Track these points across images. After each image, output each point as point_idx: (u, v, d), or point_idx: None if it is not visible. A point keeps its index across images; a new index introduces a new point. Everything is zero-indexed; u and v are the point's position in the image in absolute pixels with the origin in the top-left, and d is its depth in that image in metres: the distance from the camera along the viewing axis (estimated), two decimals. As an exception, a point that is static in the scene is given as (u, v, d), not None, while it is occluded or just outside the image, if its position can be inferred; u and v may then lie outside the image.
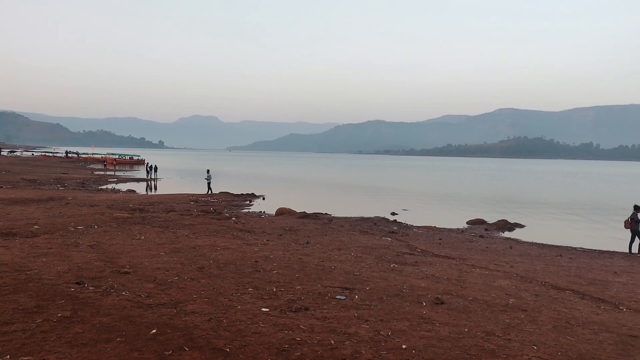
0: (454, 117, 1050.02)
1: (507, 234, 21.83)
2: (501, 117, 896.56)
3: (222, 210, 24.06)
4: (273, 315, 6.99)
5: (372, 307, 7.77)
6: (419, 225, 22.47)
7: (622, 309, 8.89)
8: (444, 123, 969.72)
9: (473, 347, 6.09)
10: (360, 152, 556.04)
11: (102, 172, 58.54)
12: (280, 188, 45.78)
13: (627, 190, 56.92)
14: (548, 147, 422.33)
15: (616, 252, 17.48)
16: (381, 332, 6.45)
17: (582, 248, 18.14)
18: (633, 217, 17.20)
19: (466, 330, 6.82)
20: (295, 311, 7.26)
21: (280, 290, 8.50)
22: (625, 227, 17.51)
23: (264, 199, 33.01)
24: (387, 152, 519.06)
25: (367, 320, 6.99)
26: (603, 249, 17.99)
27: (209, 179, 34.70)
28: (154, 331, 6.02)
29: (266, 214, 24.13)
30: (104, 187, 37.85)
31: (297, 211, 23.58)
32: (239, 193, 34.51)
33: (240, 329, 6.33)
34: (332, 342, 6.00)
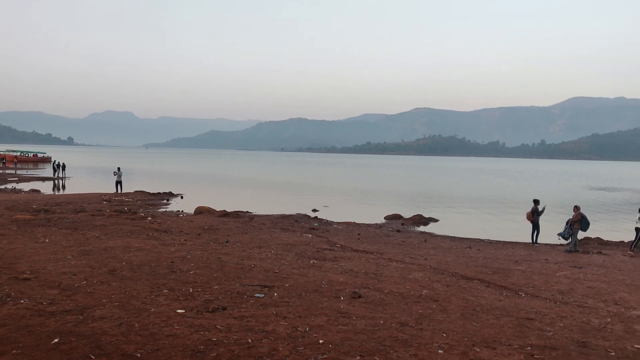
0: (373, 115, 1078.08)
1: (422, 228, 22.78)
2: (417, 116, 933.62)
3: (137, 209, 23.06)
4: (189, 317, 6.80)
5: (290, 303, 7.79)
6: (339, 221, 22.87)
7: (521, 295, 9.60)
8: (363, 121, 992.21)
9: (387, 338, 6.29)
10: (282, 150, 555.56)
11: (1, 171, 53.94)
12: (200, 186, 44.69)
13: (528, 185, 61.56)
14: (460, 145, 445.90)
15: (518, 242, 18.80)
16: (299, 328, 6.48)
17: (489, 240, 19.32)
18: (534, 210, 18.62)
19: (382, 322, 7.03)
20: (212, 311, 7.11)
21: (197, 291, 8.28)
22: (528, 219, 18.90)
23: (182, 197, 32.06)
24: (309, 149, 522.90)
25: (285, 317, 6.99)
26: (507, 240, 19.29)
27: (118, 177, 32.50)
28: (56, 340, 5.64)
29: (184, 213, 23.45)
30: (3, 187, 34.91)
31: (217, 210, 23.13)
32: (156, 192, 33.24)
33: (153, 332, 6.09)
34: (250, 340, 5.94)
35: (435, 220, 25.33)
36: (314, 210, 27.19)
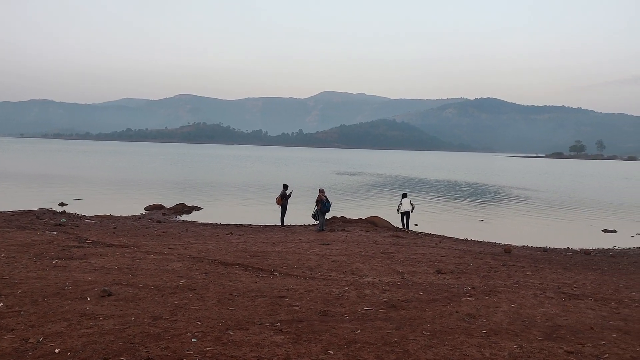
0: (134, 100, 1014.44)
1: (184, 217, 22.42)
2: (181, 103, 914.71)
3: None
4: None
5: (22, 312, 6.69)
6: (92, 214, 20.85)
7: (276, 275, 10.20)
8: (122, 106, 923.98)
9: (138, 335, 5.92)
10: (22, 136, 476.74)
11: None
12: None
13: (286, 170, 66.35)
14: (225, 132, 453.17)
15: (276, 225, 20.04)
16: (30, 340, 5.60)
17: (250, 225, 20.10)
18: (283, 194, 20.07)
19: (133, 318, 6.59)
20: None
21: None
22: (277, 203, 20.27)
23: None
24: (57, 135, 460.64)
25: (13, 330, 5.96)
26: (266, 224, 20.37)
27: None
28: None
29: None
30: None
31: None
32: None
33: None
34: (-41, 366, 4.88)
35: (199, 209, 25.22)
36: (62, 205, 24.25)
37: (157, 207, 24.37)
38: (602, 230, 23.03)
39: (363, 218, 21.99)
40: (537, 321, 7.30)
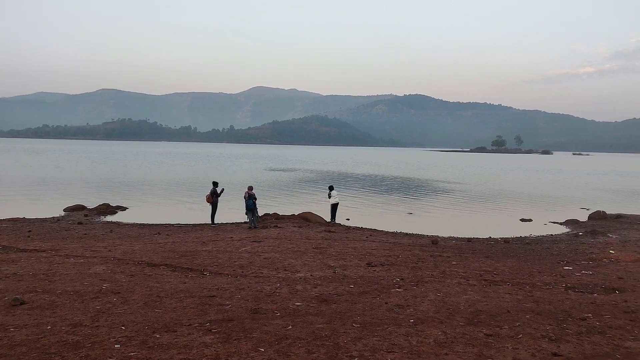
0: (50, 94, 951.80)
1: (108, 218, 21.40)
2: (104, 98, 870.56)
3: None
4: None
5: None
6: (2, 218, 19.39)
7: (206, 274, 9.97)
8: (38, 101, 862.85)
9: (54, 345, 5.57)
10: None
11: None
12: None
13: (216, 167, 65.11)
14: (152, 129, 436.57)
15: (206, 224, 19.58)
16: None
17: (178, 224, 19.49)
18: (213, 192, 19.65)
19: (49, 327, 6.19)
20: None
21: None
22: (207, 201, 19.81)
23: None
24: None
25: None
26: (196, 223, 19.84)
27: None
28: None
29: None
30: None
31: None
32: None
33: None
34: None
35: (124, 209, 24.18)
36: (-31, 207, 22.37)
37: (79, 208, 23.07)
38: (520, 220, 24.48)
39: (296, 214, 22.00)
40: (461, 308, 7.63)
